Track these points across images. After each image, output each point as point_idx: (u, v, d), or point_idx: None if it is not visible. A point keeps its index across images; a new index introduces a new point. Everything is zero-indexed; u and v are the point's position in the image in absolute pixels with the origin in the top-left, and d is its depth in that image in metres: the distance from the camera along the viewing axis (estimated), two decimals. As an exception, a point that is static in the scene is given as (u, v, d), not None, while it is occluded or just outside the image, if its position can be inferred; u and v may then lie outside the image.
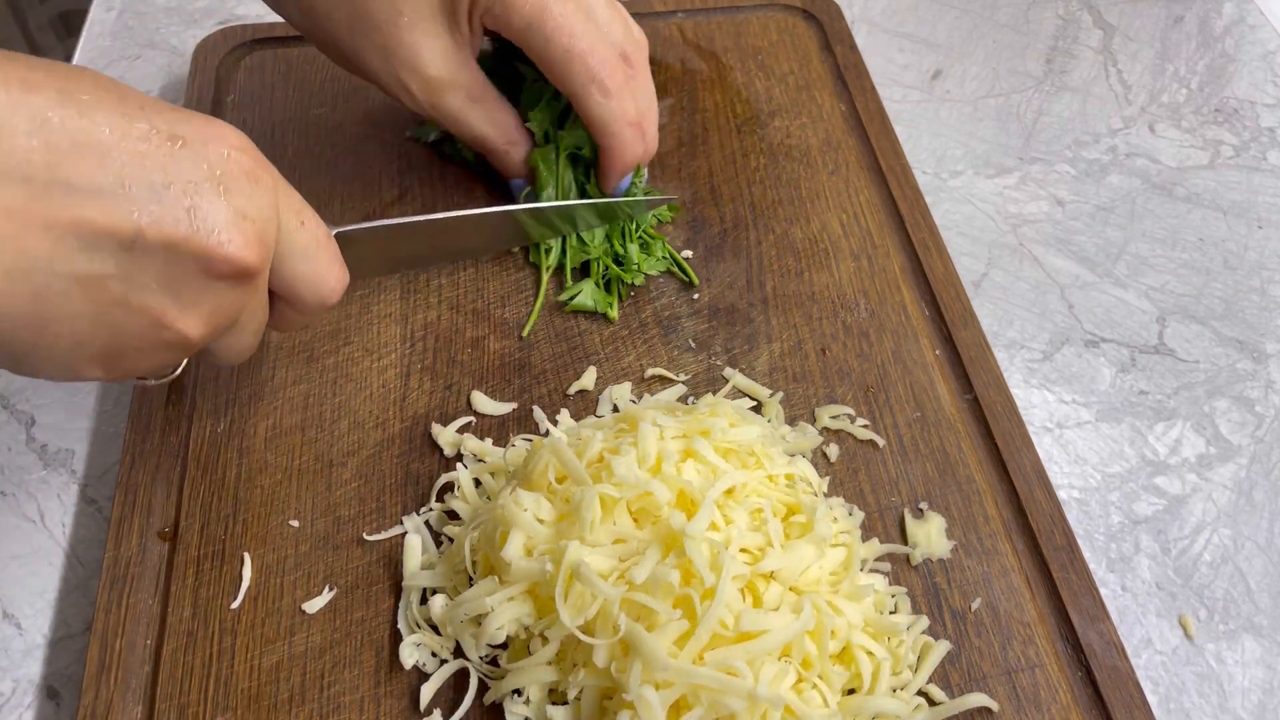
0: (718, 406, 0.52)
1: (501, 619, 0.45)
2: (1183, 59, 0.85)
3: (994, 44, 0.85)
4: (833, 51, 0.78)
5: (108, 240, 0.36)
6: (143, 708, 0.48)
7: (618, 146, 0.60)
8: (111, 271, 0.37)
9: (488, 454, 0.55)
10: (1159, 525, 0.58)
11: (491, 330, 0.61)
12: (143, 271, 0.38)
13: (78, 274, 0.36)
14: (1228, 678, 0.53)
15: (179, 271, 0.38)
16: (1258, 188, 0.75)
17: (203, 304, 0.40)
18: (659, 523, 0.46)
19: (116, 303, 0.38)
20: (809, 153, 0.72)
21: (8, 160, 0.34)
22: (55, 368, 0.39)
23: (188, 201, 0.38)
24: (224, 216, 0.39)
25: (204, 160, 0.39)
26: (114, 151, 0.36)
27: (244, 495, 0.54)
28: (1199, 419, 0.63)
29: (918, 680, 0.49)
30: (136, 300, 0.38)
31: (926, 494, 0.55)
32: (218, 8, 0.83)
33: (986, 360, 0.61)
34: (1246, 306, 0.68)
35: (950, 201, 0.73)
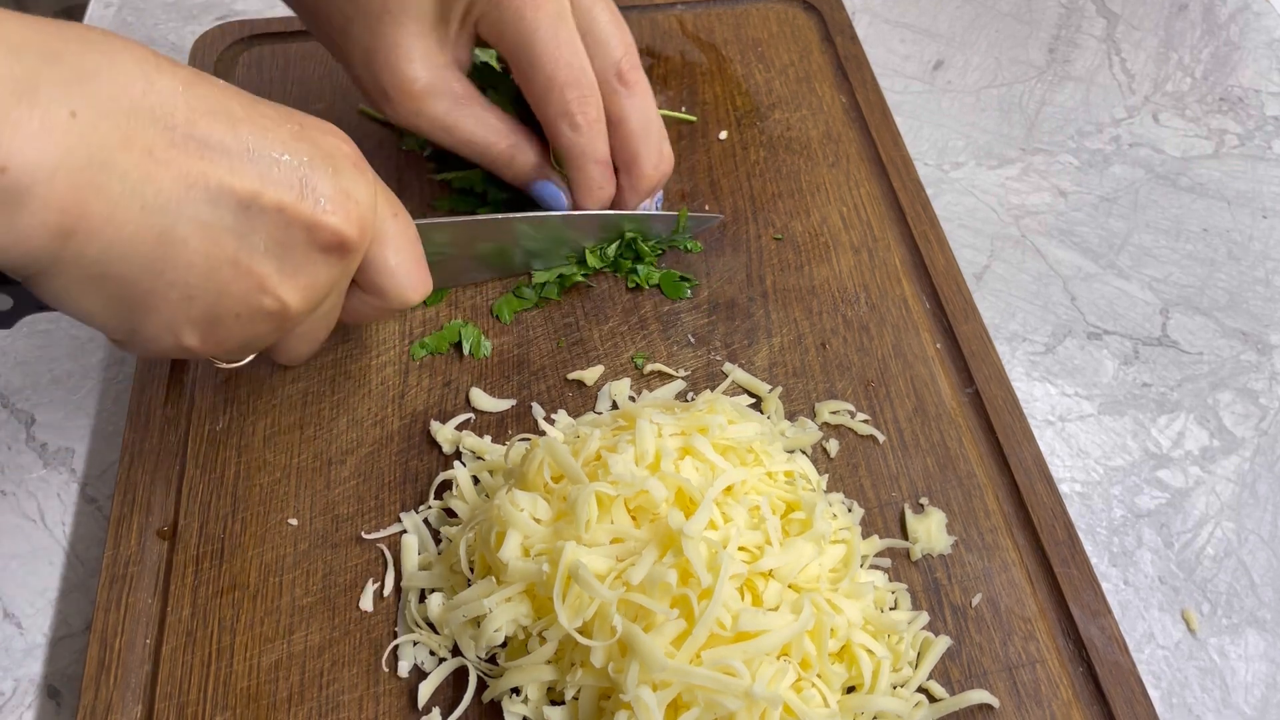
0: (716, 403, 0.51)
1: (499, 620, 0.45)
2: (1187, 47, 0.84)
3: (996, 33, 0.84)
4: (833, 43, 0.77)
5: (228, 196, 0.40)
6: (142, 707, 0.48)
7: (581, 181, 0.59)
8: (229, 225, 0.40)
9: (486, 451, 0.55)
10: (1162, 519, 0.58)
11: (490, 327, 0.61)
12: (255, 232, 0.41)
13: (200, 221, 0.39)
14: (1230, 672, 0.53)
15: (286, 237, 0.42)
16: (1263, 177, 0.75)
17: (302, 274, 0.43)
18: (657, 521, 0.46)
19: (228, 260, 0.41)
20: (809, 145, 0.71)
21: (156, 109, 0.38)
22: (160, 327, 0.42)
23: (301, 174, 0.42)
24: (331, 191, 0.42)
25: (318, 145, 0.43)
26: (243, 122, 0.40)
27: (243, 494, 0.54)
28: (1202, 411, 0.62)
29: (918, 676, 0.48)
30: (245, 260, 0.41)
31: (927, 489, 0.55)
32: (216, 3, 0.83)
33: (988, 353, 0.60)
34: (1251, 298, 0.68)
35: (952, 193, 0.73)
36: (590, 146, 0.58)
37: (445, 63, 0.57)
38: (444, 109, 0.57)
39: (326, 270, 0.44)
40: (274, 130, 0.41)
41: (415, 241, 0.49)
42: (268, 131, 0.41)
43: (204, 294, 0.41)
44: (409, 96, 0.56)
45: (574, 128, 0.57)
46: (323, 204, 0.42)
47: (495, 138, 0.59)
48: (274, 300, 0.43)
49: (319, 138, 0.43)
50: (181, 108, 0.39)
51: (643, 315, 0.62)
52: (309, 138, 0.43)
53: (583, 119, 0.57)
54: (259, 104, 0.42)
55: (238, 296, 0.42)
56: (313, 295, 0.44)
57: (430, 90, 0.56)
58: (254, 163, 0.40)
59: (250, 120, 0.41)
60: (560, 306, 0.62)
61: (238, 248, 0.41)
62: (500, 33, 0.56)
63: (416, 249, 0.49)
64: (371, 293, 0.49)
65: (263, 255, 0.42)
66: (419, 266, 0.49)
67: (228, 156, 0.40)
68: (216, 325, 0.43)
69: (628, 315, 0.62)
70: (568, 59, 0.56)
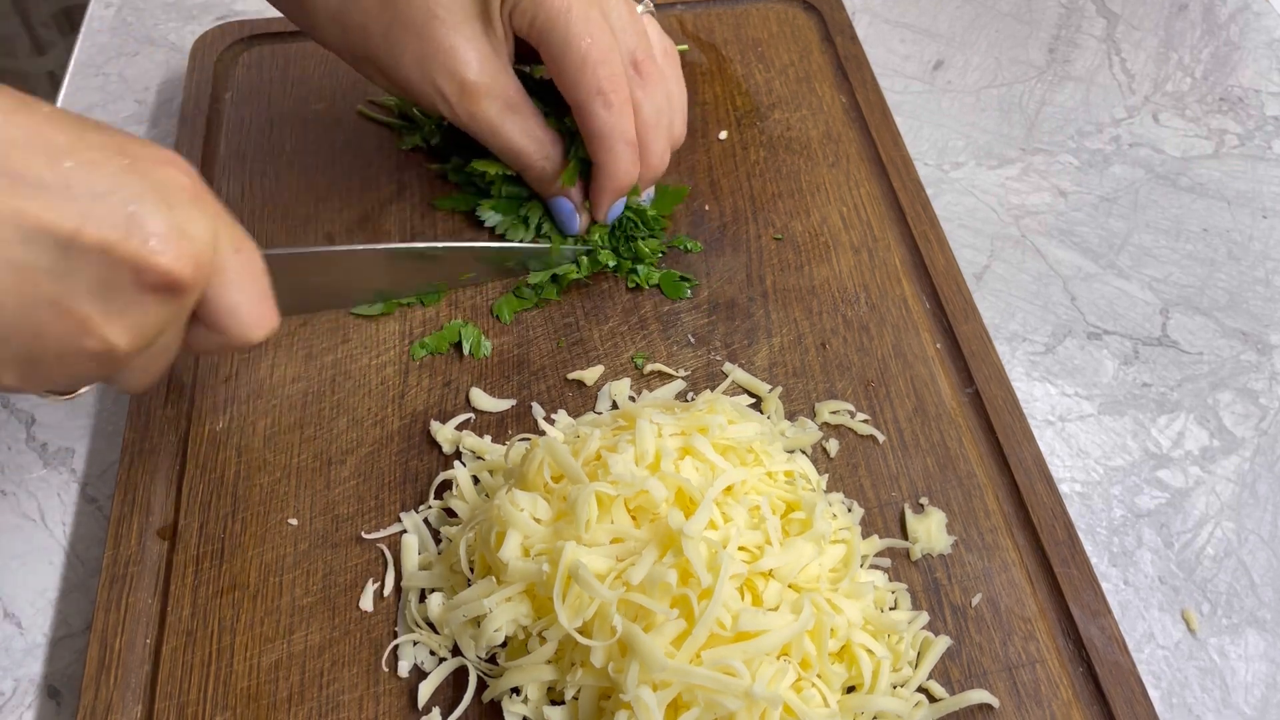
0: (716, 403, 0.51)
1: (499, 620, 0.45)
2: (1187, 47, 0.84)
3: (996, 33, 0.84)
4: (833, 43, 0.77)
5: (45, 235, 0.37)
6: (142, 707, 0.48)
7: (610, 163, 0.59)
8: (45, 267, 0.38)
9: (486, 451, 0.55)
10: (1162, 519, 0.58)
11: (490, 327, 0.61)
12: (76, 273, 0.38)
13: (13, 262, 0.37)
14: (1230, 672, 0.53)
15: (111, 278, 0.39)
16: (1263, 177, 0.75)
17: (129, 315, 0.40)
18: (657, 521, 0.46)
19: (46, 301, 0.38)
20: (809, 145, 0.71)
21: None
22: None
23: (128, 209, 0.39)
24: (162, 228, 0.39)
25: (149, 177, 0.40)
26: (64, 155, 0.38)
27: (243, 494, 0.54)
28: (1202, 411, 0.62)
29: (918, 676, 0.48)
30: (66, 301, 0.39)
31: (927, 489, 0.55)
32: (216, 3, 0.83)
33: (988, 353, 0.60)
34: (1251, 298, 0.68)
35: (952, 193, 0.73)
36: (621, 125, 0.58)
37: (501, 66, 0.58)
38: (496, 111, 0.58)
39: (157, 310, 0.41)
40: (101, 164, 0.39)
41: (259, 277, 0.46)
42: (93, 165, 0.38)
43: (19, 334, 0.39)
44: (466, 97, 0.57)
45: (607, 106, 0.57)
46: (151, 243, 0.39)
47: (534, 148, 0.60)
48: (98, 342, 0.40)
49: (153, 170, 0.40)
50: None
51: (643, 315, 0.62)
52: (141, 170, 0.40)
53: (615, 97, 0.57)
54: (88, 133, 0.39)
55: (58, 338, 0.40)
56: (142, 335, 0.41)
57: (488, 92, 0.57)
58: (74, 199, 0.38)
59: (74, 153, 0.38)
60: (560, 306, 0.62)
61: (56, 289, 0.38)
62: (532, 18, 0.56)
63: (260, 285, 0.46)
64: (212, 329, 0.46)
65: (85, 296, 0.39)
66: (262, 303, 0.46)
67: (44, 192, 0.37)
68: (36, 365, 0.40)
69: (628, 315, 0.62)
70: (599, 37, 0.56)
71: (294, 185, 0.68)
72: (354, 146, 0.69)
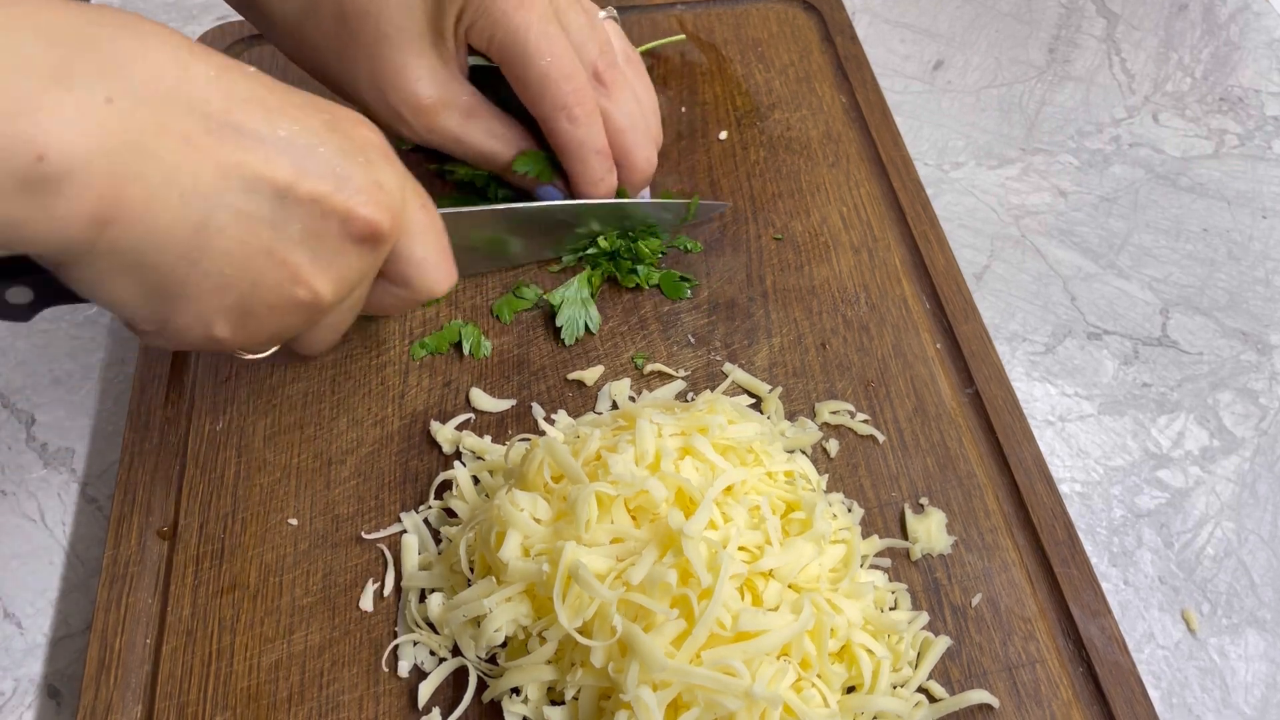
0: (716, 403, 0.51)
1: (499, 620, 0.45)
2: (1187, 47, 0.84)
3: (996, 33, 0.84)
4: (833, 43, 0.77)
5: (264, 185, 0.39)
6: (142, 706, 0.48)
7: (582, 173, 0.60)
8: (265, 215, 0.40)
9: (486, 451, 0.55)
10: (1161, 519, 0.58)
11: (490, 327, 0.61)
12: (289, 222, 0.41)
13: (237, 210, 0.39)
14: (1230, 672, 0.53)
15: (320, 228, 0.42)
16: (1263, 177, 0.75)
17: (335, 265, 0.43)
18: (657, 521, 0.46)
19: (263, 249, 0.41)
20: (809, 145, 0.71)
21: (192, 96, 0.38)
22: (192, 318, 0.42)
23: (335, 164, 0.41)
24: (364, 182, 0.42)
25: (350, 135, 0.43)
26: (277, 112, 0.40)
27: (243, 494, 0.54)
28: (1202, 411, 0.62)
29: (918, 676, 0.48)
30: (280, 250, 0.41)
31: (927, 489, 0.55)
32: (216, 3, 0.83)
33: (988, 353, 0.60)
34: (1251, 298, 0.68)
35: (952, 193, 0.73)
36: (589, 137, 0.58)
37: (451, 76, 0.58)
38: (455, 123, 0.59)
39: (358, 260, 0.44)
40: (308, 121, 0.41)
41: (441, 233, 0.49)
42: (302, 122, 0.41)
43: (238, 283, 0.41)
44: (422, 114, 0.58)
45: (572, 120, 0.58)
46: (356, 195, 0.42)
47: (502, 147, 0.60)
48: (307, 290, 0.43)
49: (350, 129, 0.43)
50: (217, 95, 0.38)
51: (643, 315, 0.62)
52: (341, 129, 0.43)
53: (580, 110, 0.57)
54: (291, 93, 0.42)
55: (272, 286, 0.42)
56: (344, 285, 0.44)
57: (442, 105, 0.58)
58: (289, 153, 0.40)
59: (284, 110, 0.41)
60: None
61: (273, 237, 0.41)
62: (490, 36, 0.56)
63: (443, 240, 0.49)
64: (398, 284, 0.48)
65: (297, 245, 0.41)
66: (445, 258, 0.49)
67: (263, 146, 0.39)
68: (249, 316, 0.43)
69: (628, 315, 0.62)
70: (560, 53, 0.56)
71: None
72: (354, 146, 0.69)
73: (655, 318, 0.62)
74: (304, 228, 0.41)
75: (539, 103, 0.58)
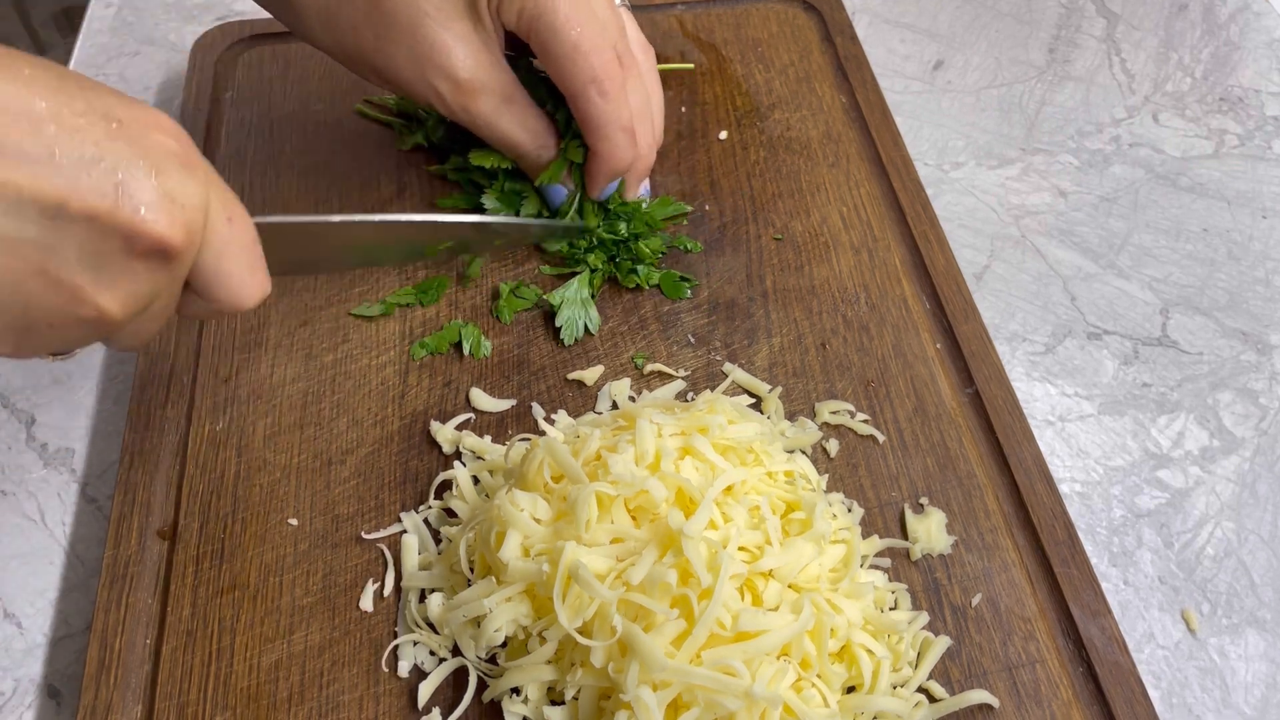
0: (716, 403, 0.51)
1: (499, 620, 0.45)
2: (1187, 47, 0.84)
3: (996, 34, 0.84)
4: (833, 43, 0.77)
5: (31, 206, 0.36)
6: (142, 707, 0.48)
7: (608, 149, 0.60)
8: (33, 238, 0.37)
9: (486, 451, 0.55)
10: (1161, 519, 0.58)
11: (490, 327, 0.61)
12: (64, 243, 0.37)
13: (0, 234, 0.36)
14: (1230, 672, 0.53)
15: (101, 246, 0.38)
16: (1263, 177, 0.75)
17: (122, 283, 0.40)
18: (657, 521, 0.46)
19: (35, 272, 0.38)
20: (809, 145, 0.71)
21: None
22: None
23: (116, 177, 0.38)
24: (152, 195, 0.39)
25: (138, 142, 0.39)
26: (47, 122, 0.37)
27: (243, 494, 0.54)
28: (1202, 411, 0.62)
29: (918, 677, 0.48)
30: (55, 271, 0.38)
31: (927, 489, 0.55)
32: (216, 3, 0.83)
33: (988, 353, 0.60)
34: (1251, 298, 0.68)
35: (952, 193, 0.73)
36: (617, 113, 0.58)
37: (493, 59, 0.58)
38: (491, 107, 0.59)
39: (149, 277, 0.40)
40: (86, 130, 0.38)
41: (251, 245, 0.45)
42: (77, 132, 0.37)
43: (10, 306, 0.38)
44: (461, 93, 0.57)
45: (603, 94, 0.57)
46: (141, 210, 0.38)
47: (529, 139, 0.60)
48: (91, 309, 0.40)
49: (142, 134, 0.39)
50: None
51: (643, 315, 0.62)
52: (129, 135, 0.39)
53: (610, 84, 0.57)
54: (71, 98, 0.38)
55: (49, 308, 0.39)
56: (135, 302, 0.41)
57: (481, 87, 0.58)
58: (59, 169, 0.37)
59: (57, 118, 0.37)
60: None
61: (45, 259, 0.38)
62: (520, 9, 0.56)
63: (253, 252, 0.45)
64: (203, 296, 0.45)
65: (75, 266, 0.38)
66: (254, 271, 0.45)
67: (27, 162, 0.36)
68: (29, 333, 0.40)
69: (628, 315, 0.62)
70: (590, 26, 0.56)
71: (294, 185, 0.68)
72: (354, 147, 0.69)
73: (655, 318, 0.62)
74: (82, 247, 0.38)
75: (569, 76, 0.57)
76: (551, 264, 0.64)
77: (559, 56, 0.57)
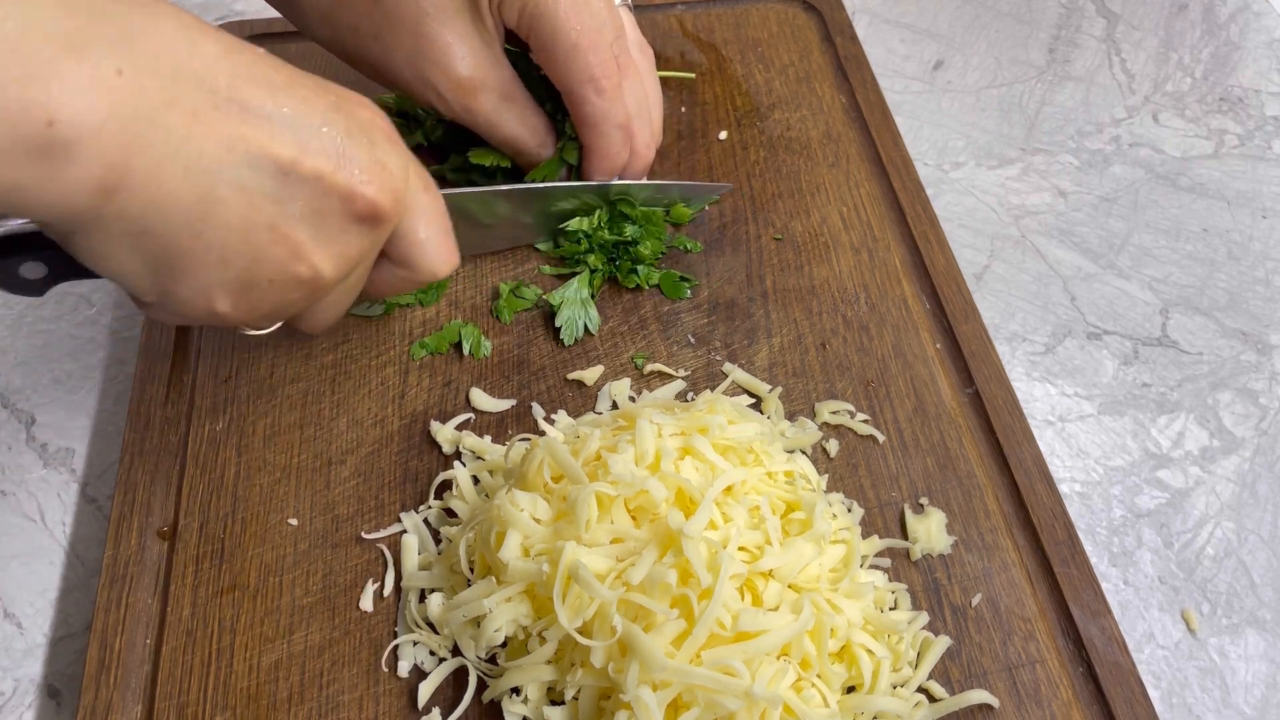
0: (716, 403, 0.51)
1: (499, 620, 0.45)
2: (1187, 47, 0.84)
3: (996, 34, 0.84)
4: (833, 43, 0.77)
5: (268, 162, 0.40)
6: (142, 707, 0.48)
7: (603, 147, 0.60)
8: (267, 190, 0.41)
9: (486, 451, 0.55)
10: (1161, 519, 0.58)
11: (490, 327, 0.61)
12: (292, 198, 0.41)
13: (240, 184, 0.40)
14: (1230, 672, 0.53)
15: (322, 205, 0.42)
16: (1263, 177, 0.75)
17: (336, 242, 0.43)
18: (657, 521, 0.46)
19: (265, 224, 0.41)
20: (809, 145, 0.71)
21: (200, 72, 0.38)
22: (193, 290, 0.42)
23: (338, 144, 0.42)
24: (367, 162, 0.43)
25: (354, 116, 0.43)
26: (283, 91, 0.41)
27: (243, 493, 0.54)
28: (1202, 411, 0.62)
29: (918, 676, 0.48)
30: (282, 225, 0.42)
31: (927, 489, 0.55)
32: (216, 3, 0.83)
33: (988, 353, 0.60)
34: (1251, 298, 0.68)
35: (952, 193, 0.73)
36: (613, 111, 0.59)
37: (493, 58, 0.58)
38: (491, 105, 0.59)
39: (359, 239, 0.44)
40: (313, 100, 0.42)
41: (444, 215, 0.49)
42: (306, 101, 0.42)
43: (240, 257, 0.42)
44: (461, 92, 0.58)
45: (599, 92, 0.58)
46: (358, 174, 0.43)
47: (529, 136, 0.61)
48: (308, 267, 0.43)
49: (355, 110, 0.44)
50: (224, 72, 0.39)
51: (643, 315, 0.62)
52: (345, 109, 0.43)
53: (607, 83, 0.58)
54: (297, 74, 0.42)
55: (272, 262, 0.42)
56: (345, 264, 0.45)
57: (481, 85, 0.58)
58: (293, 130, 0.41)
59: (289, 89, 0.41)
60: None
61: (275, 213, 0.41)
62: (521, 8, 0.56)
63: (445, 222, 0.49)
64: (401, 264, 0.49)
65: (299, 222, 0.42)
66: (447, 239, 0.49)
67: (268, 123, 0.40)
68: (249, 290, 0.43)
69: (628, 315, 0.62)
70: (589, 25, 0.57)
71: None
72: (354, 146, 0.69)
73: (655, 318, 0.62)
74: (306, 205, 0.42)
75: (567, 75, 0.58)
76: (551, 264, 0.64)
77: (558, 55, 0.57)
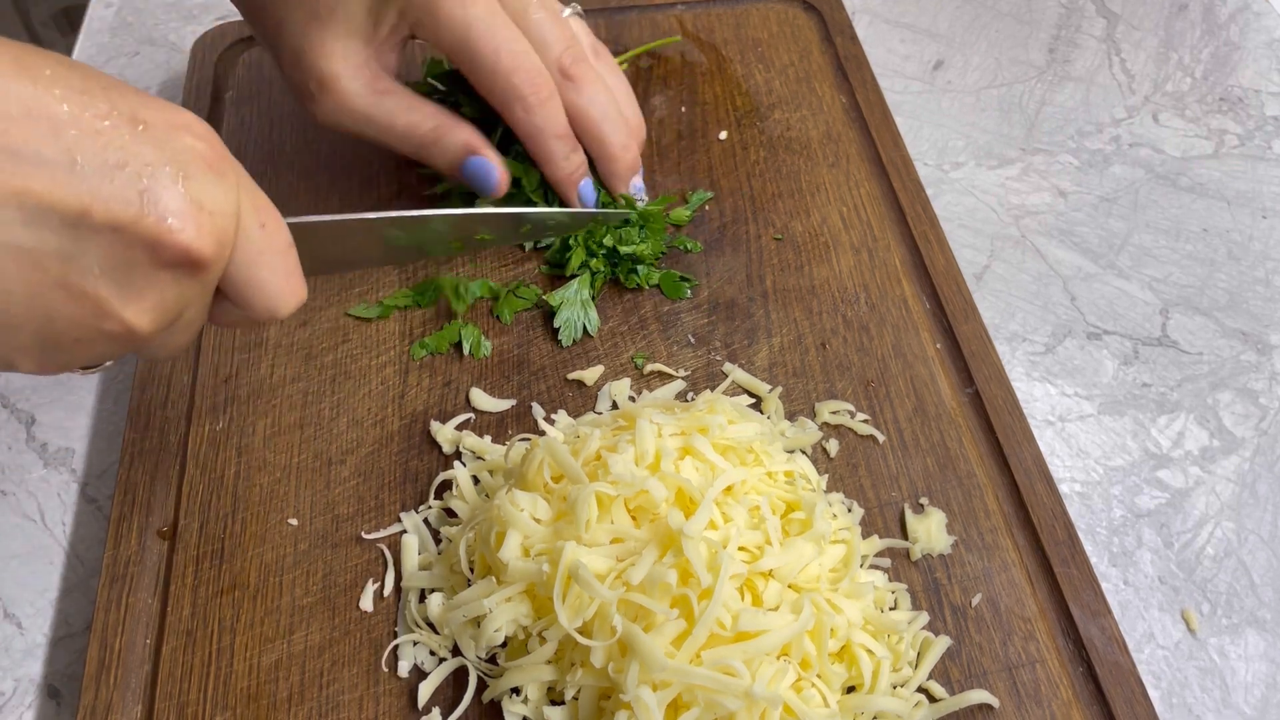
0: (716, 403, 0.51)
1: (499, 620, 0.45)
2: (1187, 47, 0.84)
3: (996, 34, 0.84)
4: (833, 43, 0.77)
5: (51, 215, 0.34)
6: (142, 707, 0.48)
7: (545, 157, 0.60)
8: (53, 248, 0.35)
9: (486, 451, 0.55)
10: (1161, 519, 0.58)
11: (490, 327, 0.61)
12: (86, 253, 0.36)
13: (16, 247, 0.34)
14: (1230, 672, 0.53)
15: (126, 256, 0.36)
16: (1262, 177, 0.75)
17: (149, 295, 0.38)
18: (657, 521, 0.46)
19: (56, 284, 0.36)
20: (809, 145, 0.71)
21: None
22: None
23: (141, 184, 0.36)
24: (178, 203, 0.37)
25: (164, 146, 0.37)
26: (68, 126, 0.35)
27: (243, 494, 0.54)
28: (1202, 411, 0.62)
29: (918, 677, 0.48)
30: (77, 284, 0.36)
31: (927, 489, 0.55)
32: (216, 3, 0.83)
33: (988, 353, 0.60)
34: (1251, 298, 0.68)
35: (952, 193, 0.73)
36: (546, 123, 0.59)
37: (366, 59, 0.57)
38: (362, 101, 0.57)
39: (177, 289, 0.38)
40: (109, 134, 0.35)
41: (285, 250, 0.43)
42: (100, 135, 0.35)
43: (29, 321, 0.36)
44: (329, 92, 0.56)
45: (526, 109, 0.58)
46: (168, 219, 0.36)
47: (419, 119, 0.58)
48: (117, 324, 0.37)
49: (168, 138, 0.37)
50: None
51: (643, 315, 0.62)
52: (154, 139, 0.37)
53: (534, 99, 0.58)
54: (93, 100, 0.36)
55: (72, 321, 0.37)
56: (163, 315, 0.39)
57: (349, 84, 0.56)
58: (80, 175, 0.34)
59: (78, 121, 0.35)
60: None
61: (66, 271, 0.35)
62: (437, 34, 0.56)
63: (288, 258, 0.43)
64: (238, 305, 0.43)
65: (98, 278, 0.36)
66: (290, 277, 0.43)
67: (46, 169, 0.34)
68: (54, 350, 0.38)
69: (628, 315, 0.62)
70: (507, 45, 0.56)
71: (294, 185, 0.68)
72: (354, 146, 0.69)
73: (655, 318, 0.62)
74: (105, 258, 0.36)
75: (493, 95, 0.58)
76: (551, 264, 0.64)
77: (480, 77, 0.57)
